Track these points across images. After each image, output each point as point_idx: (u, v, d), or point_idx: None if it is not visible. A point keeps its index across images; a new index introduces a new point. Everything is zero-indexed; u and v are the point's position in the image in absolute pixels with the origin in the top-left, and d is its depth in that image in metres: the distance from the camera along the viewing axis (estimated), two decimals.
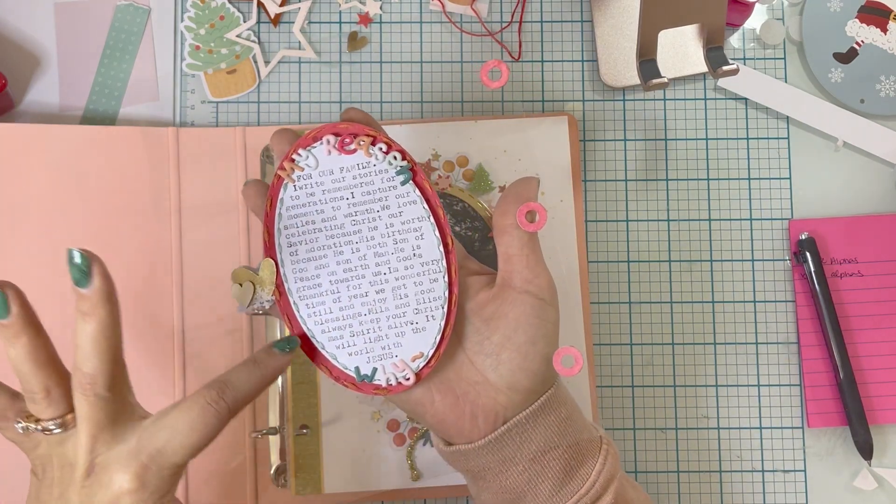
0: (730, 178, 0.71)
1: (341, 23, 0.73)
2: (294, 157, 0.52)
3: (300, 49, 0.72)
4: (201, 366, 0.68)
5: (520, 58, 0.72)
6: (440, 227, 0.52)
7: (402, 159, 0.52)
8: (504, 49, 0.73)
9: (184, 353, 0.68)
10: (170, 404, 0.48)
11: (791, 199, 0.71)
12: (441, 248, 0.52)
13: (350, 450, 0.68)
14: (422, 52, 0.72)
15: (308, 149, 0.52)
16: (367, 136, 0.52)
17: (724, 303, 0.70)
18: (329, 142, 0.52)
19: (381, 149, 0.52)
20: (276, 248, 0.53)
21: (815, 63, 0.72)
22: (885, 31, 0.71)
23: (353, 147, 0.52)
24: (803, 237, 0.69)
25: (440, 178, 0.70)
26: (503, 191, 0.69)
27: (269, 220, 0.53)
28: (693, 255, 0.71)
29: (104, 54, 0.71)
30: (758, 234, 0.71)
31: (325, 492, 0.67)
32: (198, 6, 0.72)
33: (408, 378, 0.52)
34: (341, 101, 0.72)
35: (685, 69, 0.71)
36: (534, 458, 0.52)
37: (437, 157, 0.70)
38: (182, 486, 0.67)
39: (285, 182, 0.53)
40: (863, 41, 0.71)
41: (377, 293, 0.52)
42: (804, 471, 0.69)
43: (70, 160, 0.68)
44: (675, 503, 0.69)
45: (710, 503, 0.69)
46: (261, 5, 0.72)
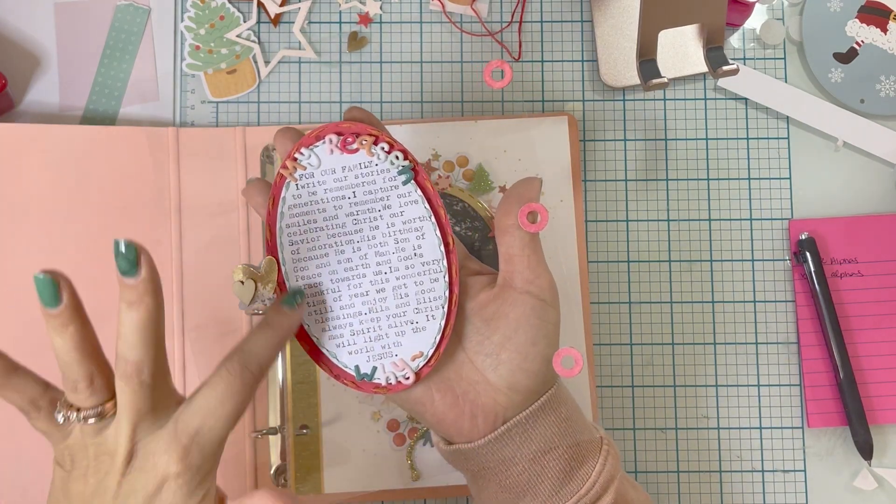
0: (730, 178, 0.71)
1: (341, 23, 0.73)
2: (296, 155, 0.52)
3: (300, 49, 0.72)
4: (201, 366, 0.68)
5: (520, 58, 0.72)
6: (441, 226, 0.52)
7: (404, 159, 0.52)
8: (504, 49, 0.73)
9: (184, 353, 0.68)
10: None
11: (791, 199, 0.71)
12: (442, 247, 0.52)
13: (350, 450, 0.68)
14: (422, 52, 0.72)
15: (310, 148, 0.52)
16: (370, 135, 0.52)
17: (724, 303, 0.70)
18: (331, 141, 0.52)
19: (383, 148, 0.52)
20: (278, 246, 0.53)
21: (815, 63, 0.72)
22: (885, 31, 0.71)
23: (355, 146, 0.52)
24: (803, 237, 0.69)
25: (440, 178, 0.70)
26: (504, 191, 0.69)
27: (271, 218, 0.53)
28: (693, 255, 0.71)
29: (104, 54, 0.71)
30: (758, 234, 0.71)
31: (325, 492, 0.67)
32: (198, 6, 0.72)
33: (407, 377, 0.52)
34: (341, 101, 0.72)
35: (685, 69, 0.71)
36: (534, 459, 0.52)
37: (437, 157, 0.70)
38: None
39: (287, 181, 0.53)
40: (863, 41, 0.71)
41: (378, 292, 0.52)
42: (804, 471, 0.69)
43: (70, 160, 0.68)
44: (675, 503, 0.69)
45: (710, 503, 0.69)
46: (261, 5, 0.72)
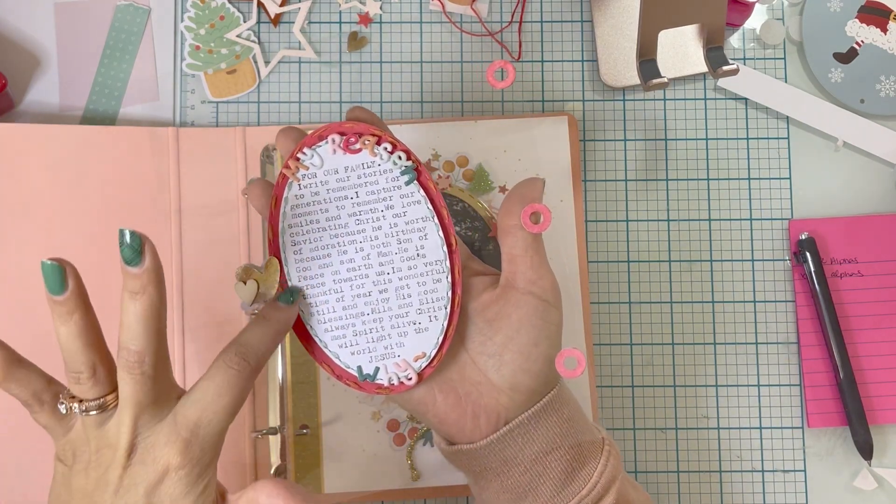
0: (730, 178, 0.71)
1: (341, 23, 0.73)
2: (299, 155, 0.52)
3: (300, 49, 0.72)
4: (201, 366, 0.67)
5: (520, 58, 0.72)
6: (444, 227, 0.52)
7: (407, 159, 0.52)
8: (504, 49, 0.73)
9: (184, 353, 0.68)
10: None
11: (791, 199, 0.71)
12: (445, 248, 0.52)
13: (350, 450, 0.68)
14: (422, 52, 0.72)
15: (313, 148, 0.52)
16: (372, 135, 0.52)
17: (724, 303, 0.71)
18: (334, 141, 0.52)
19: (385, 148, 0.52)
20: (281, 246, 0.53)
21: (815, 63, 0.72)
22: (885, 31, 0.71)
23: (357, 146, 0.52)
24: (803, 237, 0.69)
25: (440, 178, 0.70)
26: (504, 191, 0.69)
27: (274, 218, 0.53)
28: (693, 255, 0.71)
29: (104, 54, 0.71)
30: (758, 234, 0.71)
31: (325, 492, 0.67)
32: (198, 6, 0.72)
33: (410, 378, 0.52)
34: (341, 101, 0.72)
35: (685, 69, 0.71)
36: (535, 459, 0.52)
37: (437, 157, 0.70)
38: None
39: (290, 181, 0.53)
40: (863, 41, 0.72)
41: (380, 293, 0.52)
42: (804, 471, 0.69)
43: (70, 160, 0.68)
44: (675, 503, 0.69)
45: (710, 503, 0.69)
46: (261, 5, 0.72)
